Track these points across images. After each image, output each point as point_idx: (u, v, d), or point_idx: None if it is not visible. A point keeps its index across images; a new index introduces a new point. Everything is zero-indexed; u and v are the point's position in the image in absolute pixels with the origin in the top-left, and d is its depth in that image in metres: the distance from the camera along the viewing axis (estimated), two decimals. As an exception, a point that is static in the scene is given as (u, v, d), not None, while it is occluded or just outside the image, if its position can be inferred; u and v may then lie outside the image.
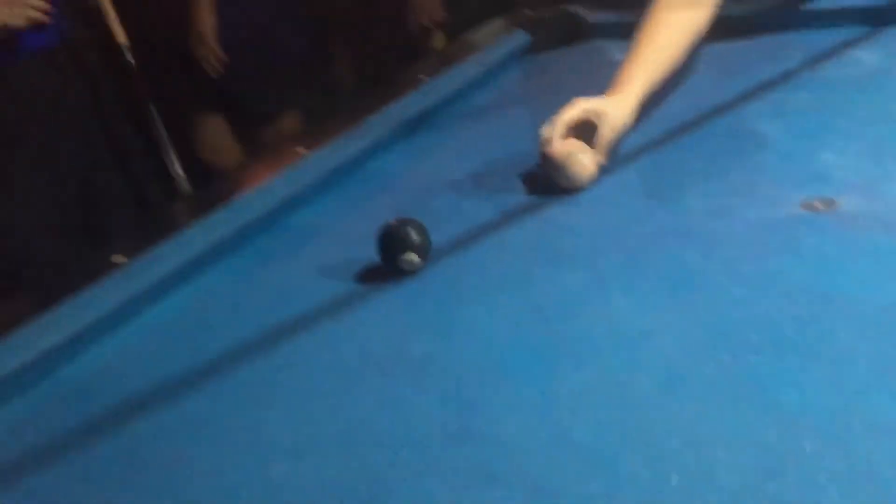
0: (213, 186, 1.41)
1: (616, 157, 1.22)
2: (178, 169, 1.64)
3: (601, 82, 1.27)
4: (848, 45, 1.46)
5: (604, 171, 1.18)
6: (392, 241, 1.02)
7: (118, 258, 1.09)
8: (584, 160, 1.15)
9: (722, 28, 1.41)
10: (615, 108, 1.19)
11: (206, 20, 2.30)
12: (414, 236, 1.01)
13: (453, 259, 1.05)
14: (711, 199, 1.08)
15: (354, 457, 0.76)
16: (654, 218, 1.07)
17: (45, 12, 1.63)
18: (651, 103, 1.29)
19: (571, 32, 1.81)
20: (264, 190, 1.23)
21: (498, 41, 1.78)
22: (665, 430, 0.71)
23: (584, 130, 1.18)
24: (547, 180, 1.17)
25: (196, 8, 2.30)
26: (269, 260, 1.14)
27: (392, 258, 1.01)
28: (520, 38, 1.79)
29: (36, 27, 1.62)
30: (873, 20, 1.52)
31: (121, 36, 1.74)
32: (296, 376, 0.89)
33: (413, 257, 1.01)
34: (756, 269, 0.92)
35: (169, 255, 1.10)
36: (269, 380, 0.90)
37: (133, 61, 1.82)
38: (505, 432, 0.75)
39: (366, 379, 0.87)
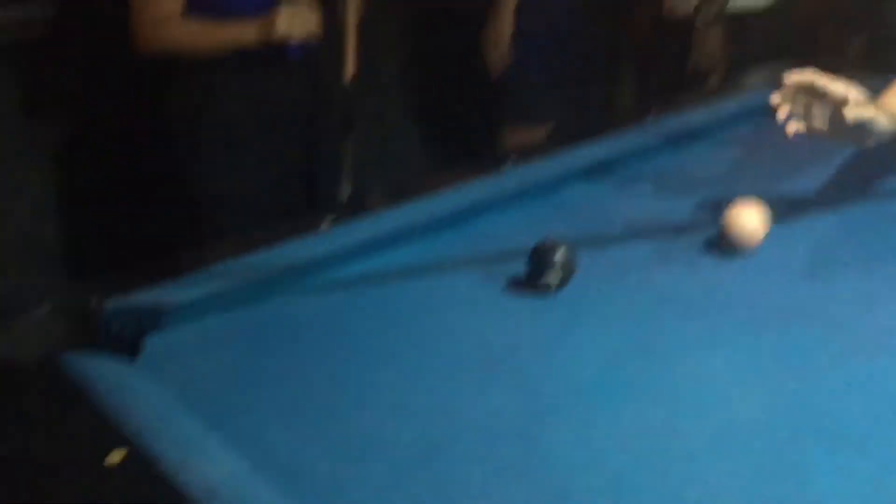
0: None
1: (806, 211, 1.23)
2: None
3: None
4: None
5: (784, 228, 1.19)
6: (538, 260, 1.13)
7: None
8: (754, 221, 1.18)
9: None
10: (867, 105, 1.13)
11: (506, 26, 2.52)
12: (558, 258, 1.12)
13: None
14: (861, 287, 1.07)
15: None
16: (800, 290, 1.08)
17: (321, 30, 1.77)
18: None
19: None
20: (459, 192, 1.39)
21: (742, 95, 1.79)
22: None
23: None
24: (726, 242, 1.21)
25: (498, 12, 2.53)
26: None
27: (533, 276, 1.13)
28: (764, 96, 1.79)
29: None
30: None
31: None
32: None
33: (554, 280, 1.12)
34: (866, 363, 0.92)
35: (364, 228, 1.29)
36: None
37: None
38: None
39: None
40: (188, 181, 1.87)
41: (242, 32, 1.75)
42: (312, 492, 0.79)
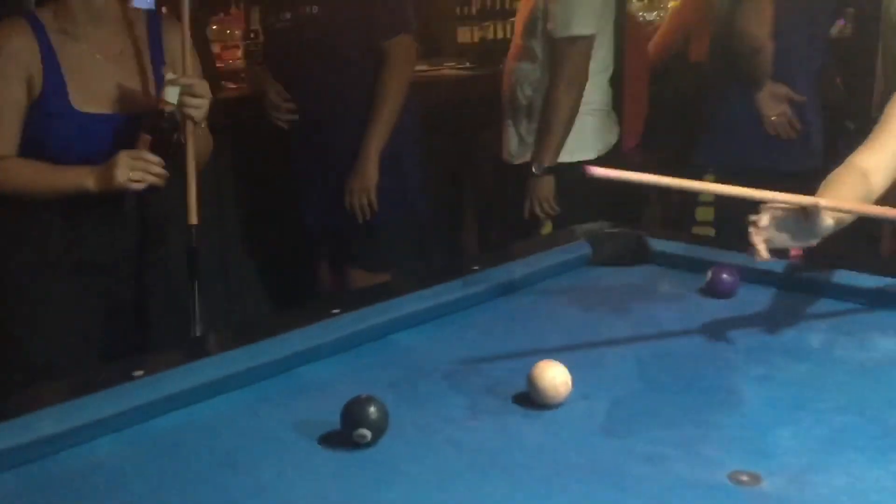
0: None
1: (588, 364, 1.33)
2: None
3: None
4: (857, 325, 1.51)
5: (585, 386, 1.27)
6: (350, 415, 1.14)
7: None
8: None
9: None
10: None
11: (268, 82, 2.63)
12: (371, 413, 1.14)
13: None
14: (655, 445, 1.14)
15: None
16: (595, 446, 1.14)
17: (164, 178, 1.78)
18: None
19: (633, 253, 1.92)
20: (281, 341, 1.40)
21: (562, 248, 1.91)
22: None
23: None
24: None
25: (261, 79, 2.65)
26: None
27: (346, 428, 1.14)
28: (583, 248, 1.92)
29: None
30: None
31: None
32: None
33: (365, 433, 1.13)
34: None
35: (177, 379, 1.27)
36: None
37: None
38: None
39: None
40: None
41: (81, 179, 1.73)
42: None
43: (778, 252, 1.44)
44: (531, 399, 1.25)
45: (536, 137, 2.87)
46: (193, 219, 1.86)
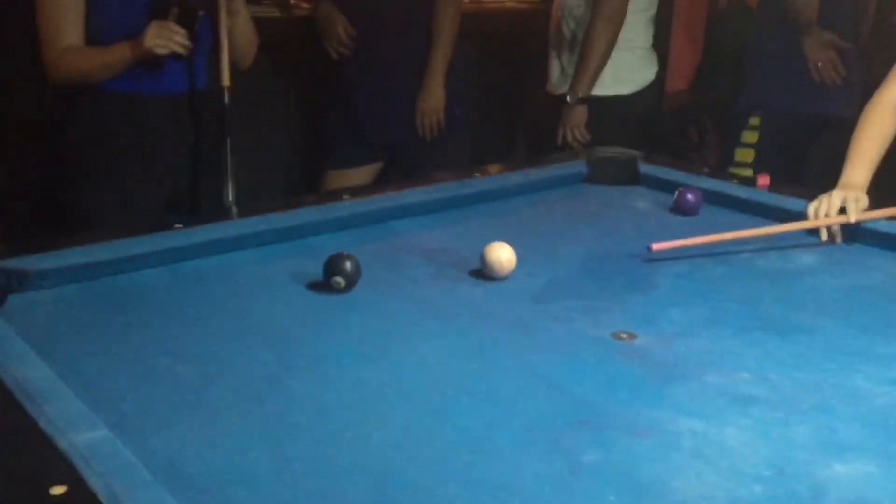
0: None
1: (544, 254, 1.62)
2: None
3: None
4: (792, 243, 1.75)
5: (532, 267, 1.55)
6: (330, 265, 1.46)
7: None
8: None
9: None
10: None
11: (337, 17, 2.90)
12: (347, 266, 1.45)
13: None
14: (567, 311, 1.42)
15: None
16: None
17: (186, 47, 2.06)
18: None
19: (625, 174, 2.16)
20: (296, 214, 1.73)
21: (560, 165, 2.17)
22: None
23: None
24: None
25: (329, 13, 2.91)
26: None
27: (326, 276, 1.46)
28: (579, 167, 2.17)
29: (175, 57, 2.08)
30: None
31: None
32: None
33: (340, 280, 1.45)
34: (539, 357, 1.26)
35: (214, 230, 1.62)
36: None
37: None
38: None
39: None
40: (78, 194, 2.20)
41: (121, 51, 2.07)
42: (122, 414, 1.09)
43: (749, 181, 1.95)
44: (482, 272, 1.55)
45: (574, 69, 3.09)
46: (226, 80, 2.17)
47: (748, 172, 3.53)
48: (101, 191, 2.16)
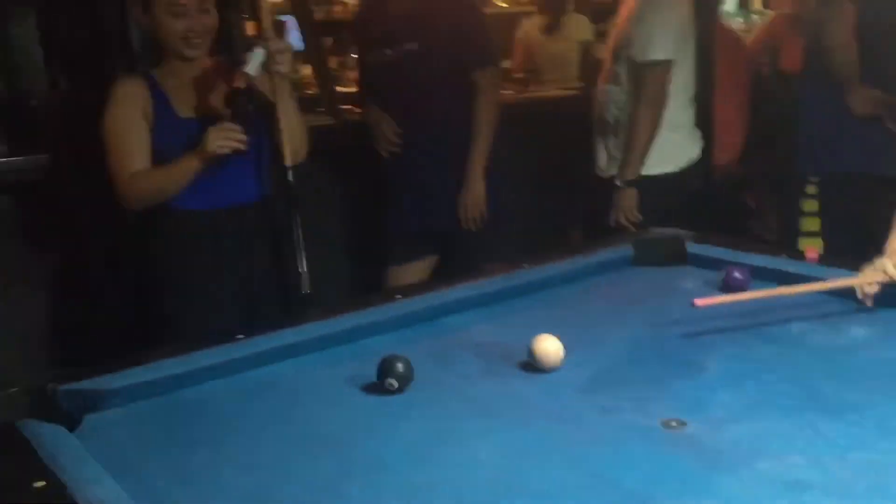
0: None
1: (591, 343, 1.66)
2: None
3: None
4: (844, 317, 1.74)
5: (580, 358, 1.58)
6: (382, 367, 1.52)
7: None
8: None
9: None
10: None
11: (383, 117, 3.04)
12: (399, 368, 1.51)
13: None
14: (615, 400, 1.44)
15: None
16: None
17: (244, 142, 2.17)
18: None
19: (672, 254, 2.18)
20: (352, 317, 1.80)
21: (605, 250, 2.21)
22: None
23: None
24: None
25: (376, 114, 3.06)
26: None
27: (380, 378, 1.52)
28: (625, 250, 2.20)
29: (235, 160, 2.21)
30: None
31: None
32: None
33: (393, 382, 1.50)
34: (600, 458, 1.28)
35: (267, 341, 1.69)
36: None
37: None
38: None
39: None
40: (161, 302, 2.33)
41: (187, 162, 2.20)
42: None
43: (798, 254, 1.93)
44: (531, 364, 1.58)
45: (621, 153, 3.15)
46: (288, 160, 2.27)
47: (817, 242, 3.50)
48: (184, 303, 2.30)
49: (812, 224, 3.76)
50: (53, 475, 1.18)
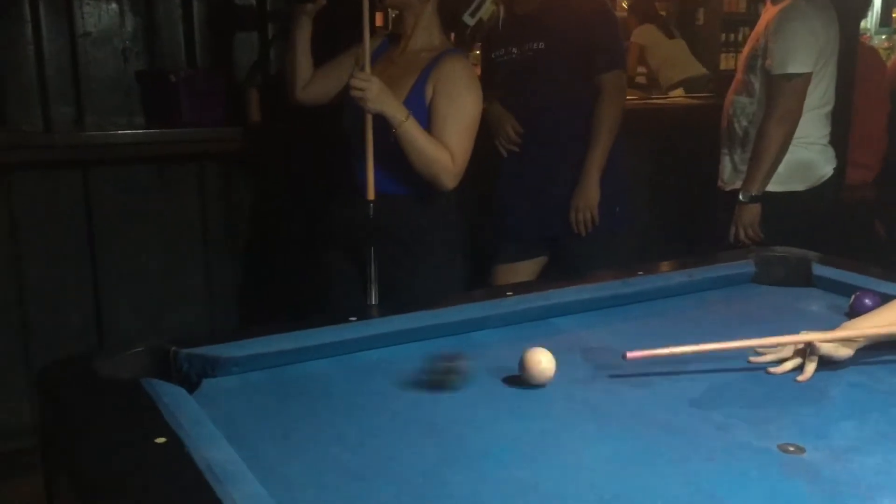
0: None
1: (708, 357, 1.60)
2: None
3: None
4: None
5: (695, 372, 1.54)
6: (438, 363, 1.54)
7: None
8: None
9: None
10: None
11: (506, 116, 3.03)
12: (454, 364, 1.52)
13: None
14: (729, 418, 1.39)
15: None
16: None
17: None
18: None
19: (796, 275, 2.09)
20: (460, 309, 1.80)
21: (726, 265, 2.14)
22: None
23: None
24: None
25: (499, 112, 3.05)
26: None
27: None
28: (747, 267, 2.12)
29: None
30: None
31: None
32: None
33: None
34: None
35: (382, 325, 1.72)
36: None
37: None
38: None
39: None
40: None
41: None
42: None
43: None
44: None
45: (747, 167, 3.05)
46: (371, 194, 2.33)
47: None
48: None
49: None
50: (174, 433, 1.23)
